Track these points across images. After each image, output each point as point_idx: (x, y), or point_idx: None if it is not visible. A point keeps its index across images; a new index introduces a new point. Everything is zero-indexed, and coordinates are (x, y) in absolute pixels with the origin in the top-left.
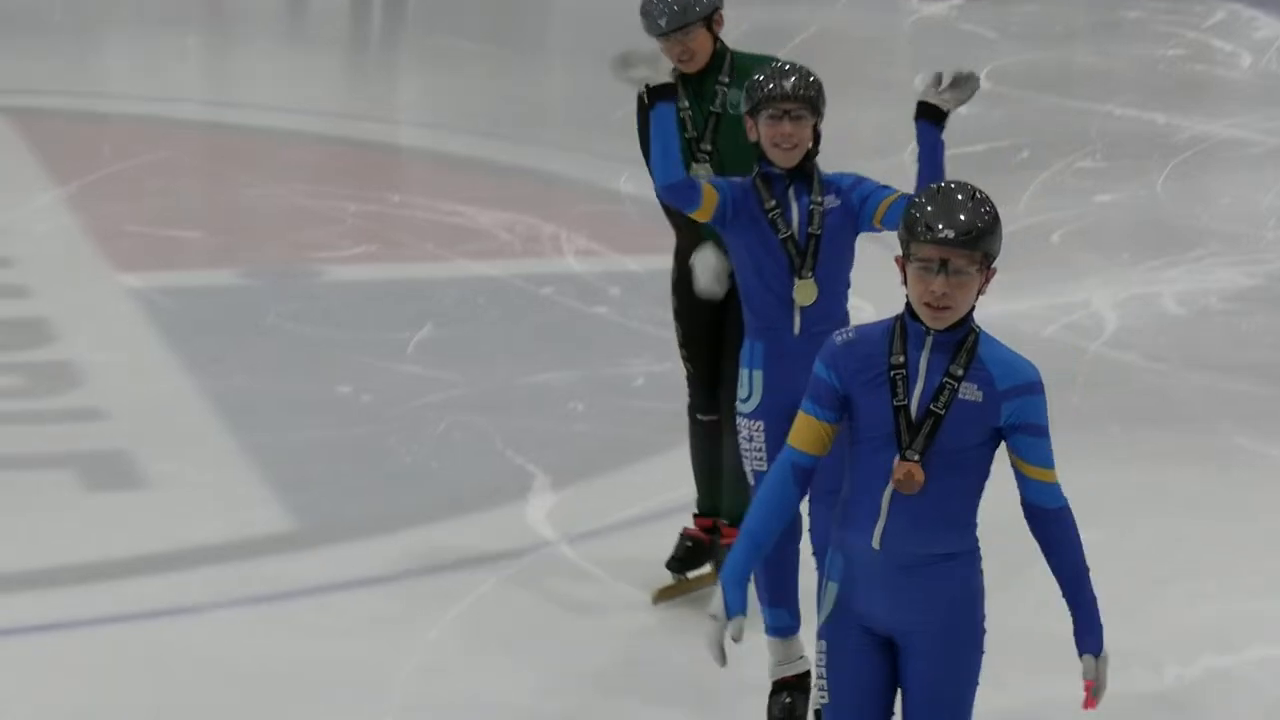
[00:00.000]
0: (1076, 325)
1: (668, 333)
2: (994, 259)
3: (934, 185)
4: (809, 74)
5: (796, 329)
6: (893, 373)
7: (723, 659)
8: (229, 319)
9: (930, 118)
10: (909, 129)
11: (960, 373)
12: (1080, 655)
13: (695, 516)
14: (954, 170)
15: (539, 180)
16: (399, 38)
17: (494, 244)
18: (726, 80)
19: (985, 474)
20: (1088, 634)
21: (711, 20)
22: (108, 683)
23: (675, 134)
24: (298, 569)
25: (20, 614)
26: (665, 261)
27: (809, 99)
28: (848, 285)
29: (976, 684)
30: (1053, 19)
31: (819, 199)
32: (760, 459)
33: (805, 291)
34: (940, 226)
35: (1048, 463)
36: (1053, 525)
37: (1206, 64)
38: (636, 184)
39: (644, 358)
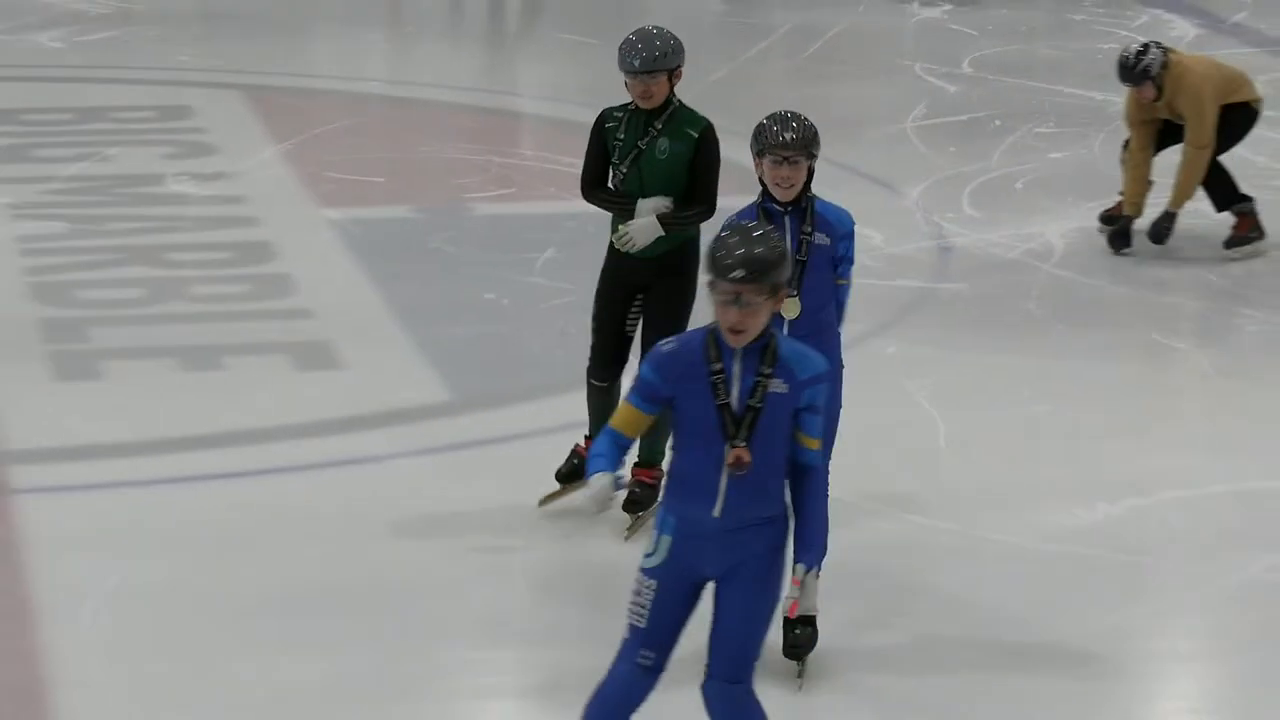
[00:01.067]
0: (1033, 250)
1: None
2: (782, 286)
3: (728, 228)
4: (806, 125)
5: (785, 331)
6: (713, 378)
7: (597, 508)
8: (403, 243)
9: None
10: (910, 103)
11: (769, 371)
12: (795, 563)
13: (586, 438)
14: (945, 134)
15: None
16: (530, 33)
17: None
18: (660, 126)
19: (789, 449)
20: (808, 552)
21: (673, 73)
22: (314, 516)
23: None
24: (453, 429)
25: (249, 462)
26: (733, 201)
27: (804, 147)
28: (832, 301)
29: (772, 619)
30: (1019, 21)
31: (808, 229)
32: None
33: (790, 307)
34: (732, 266)
35: (818, 434)
36: (810, 480)
37: None
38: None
39: None
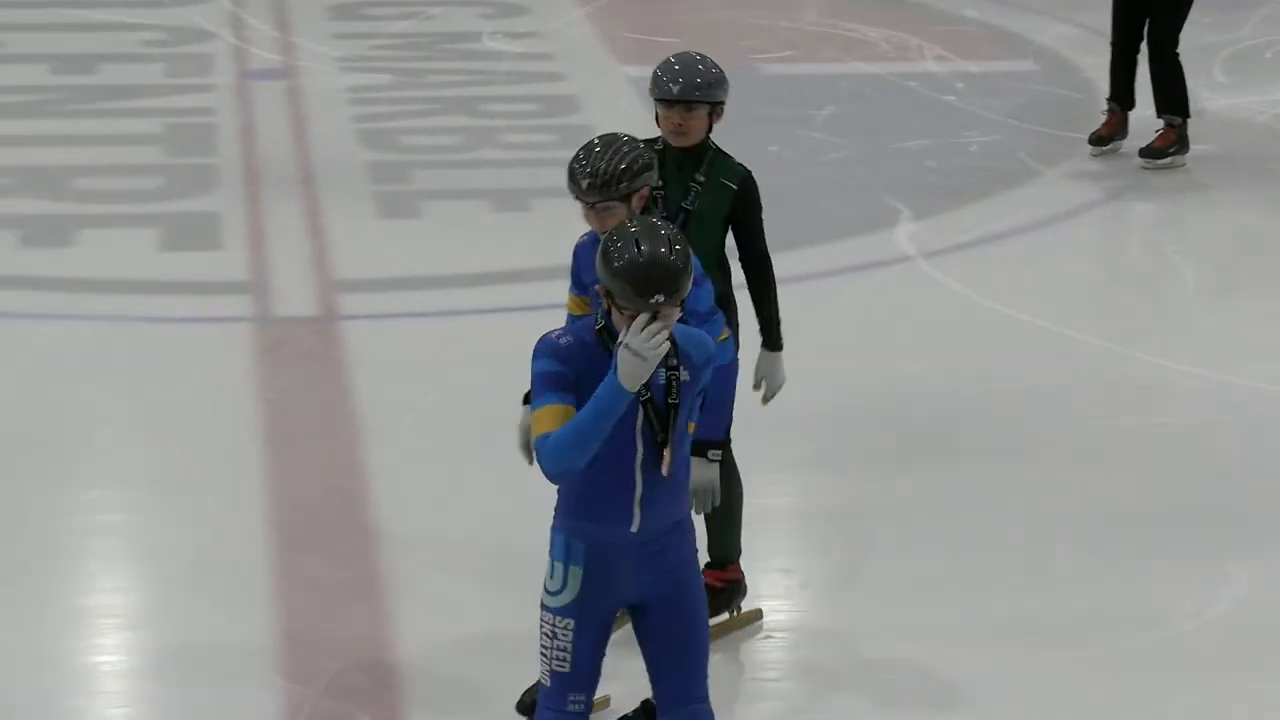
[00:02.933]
0: None
1: (996, 115)
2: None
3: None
4: (616, 161)
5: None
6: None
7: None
8: None
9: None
10: None
11: (675, 363)
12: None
13: None
14: (1200, 4)
15: (910, 7)
16: None
17: (877, 51)
18: (703, 180)
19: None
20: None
21: (714, 109)
22: None
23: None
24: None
25: (553, 295)
26: (997, 66)
27: (606, 191)
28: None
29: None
30: None
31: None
32: None
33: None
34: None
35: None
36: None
37: None
38: (979, 10)
39: (976, 130)
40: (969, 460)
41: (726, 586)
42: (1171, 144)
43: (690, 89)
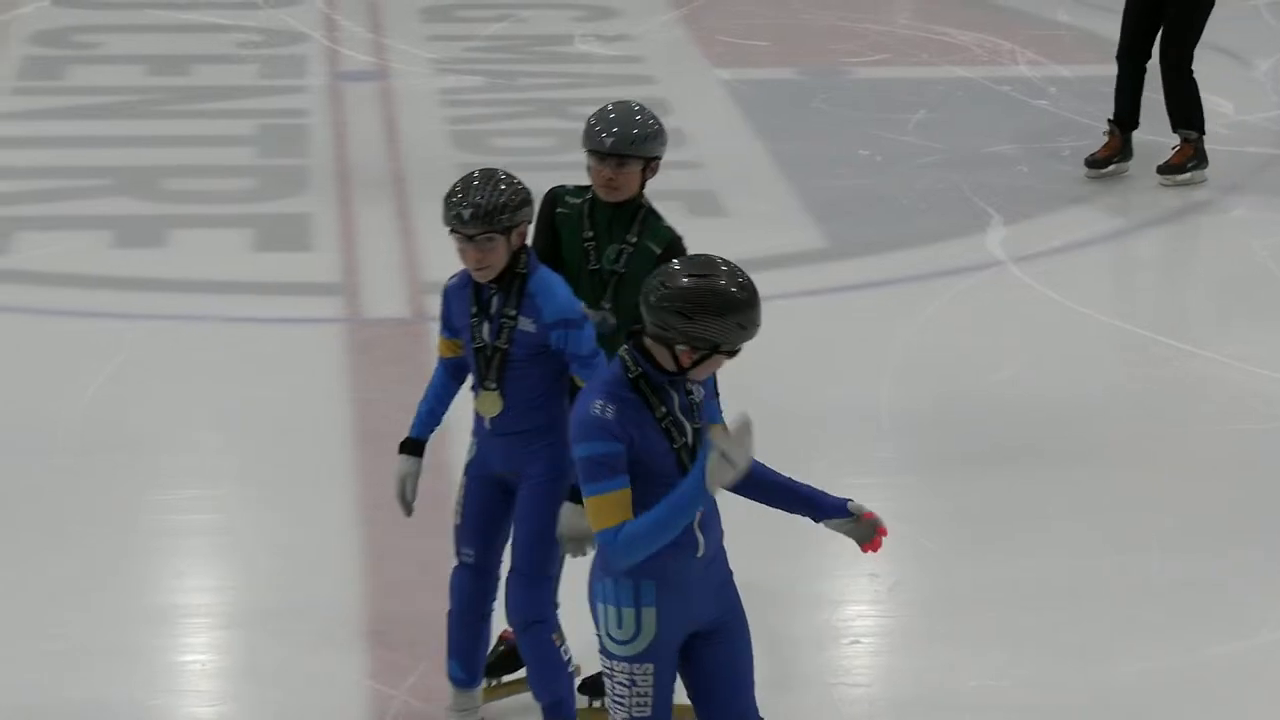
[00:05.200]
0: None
1: (1089, 120)
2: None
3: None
4: (496, 196)
5: (488, 425)
6: (664, 422)
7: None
8: (787, 102)
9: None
10: None
11: (691, 393)
12: (845, 512)
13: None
14: None
15: (1003, 11)
16: None
17: (969, 55)
18: (634, 241)
19: None
20: (829, 498)
21: (649, 164)
22: None
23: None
24: (827, 274)
25: None
26: (1090, 70)
27: (489, 223)
28: (547, 396)
29: None
30: None
31: (512, 313)
32: None
33: (486, 403)
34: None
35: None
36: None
37: None
38: (1072, 14)
39: (1070, 135)
40: (1058, 465)
41: None
42: (1189, 159)
43: (624, 142)
